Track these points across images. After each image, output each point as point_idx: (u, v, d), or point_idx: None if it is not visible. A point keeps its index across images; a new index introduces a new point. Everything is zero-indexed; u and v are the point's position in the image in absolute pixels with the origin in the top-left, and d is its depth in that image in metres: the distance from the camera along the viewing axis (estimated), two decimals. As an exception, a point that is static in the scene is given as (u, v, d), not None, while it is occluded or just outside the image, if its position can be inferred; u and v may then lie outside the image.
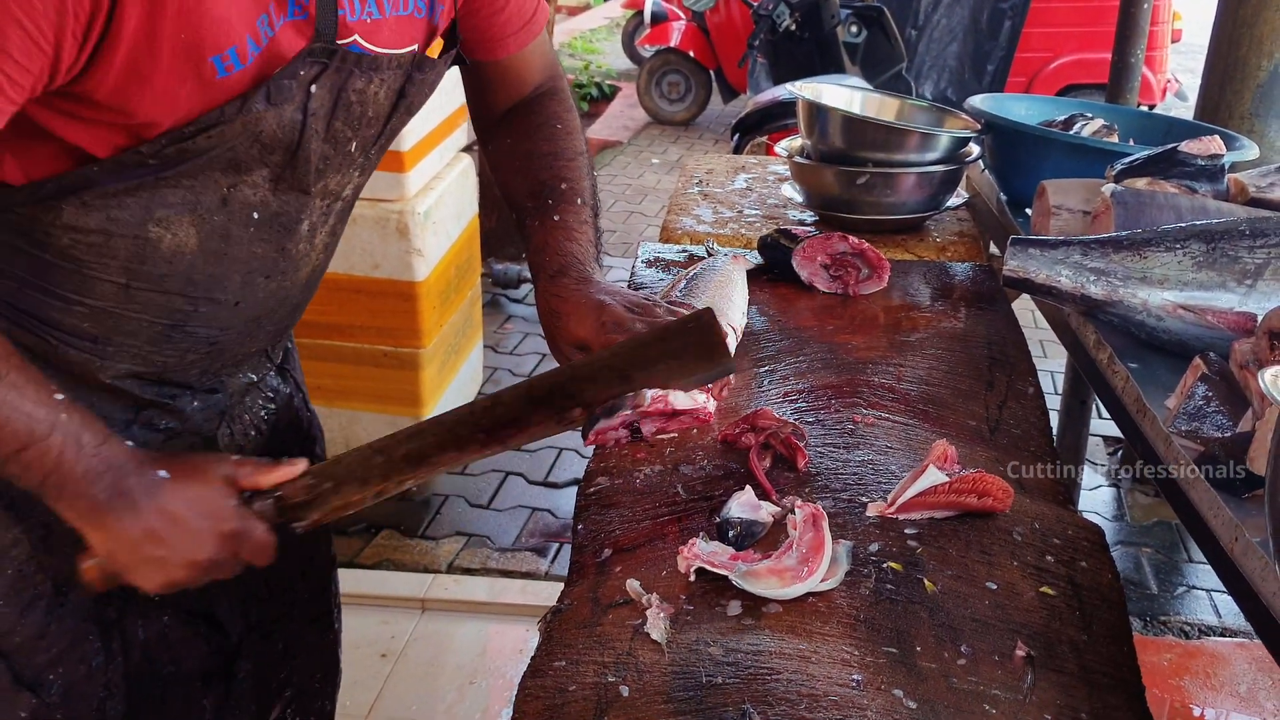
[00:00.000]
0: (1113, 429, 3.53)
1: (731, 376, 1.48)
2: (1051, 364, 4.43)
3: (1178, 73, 8.25)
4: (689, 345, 1.21)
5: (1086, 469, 3.70)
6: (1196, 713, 2.82)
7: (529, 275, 5.87)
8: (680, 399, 1.31)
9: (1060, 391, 3.43)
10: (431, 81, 1.27)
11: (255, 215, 1.17)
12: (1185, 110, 7.18)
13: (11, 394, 1.02)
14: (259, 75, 1.07)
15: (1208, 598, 3.28)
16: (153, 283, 1.15)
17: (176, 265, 1.15)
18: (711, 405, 1.36)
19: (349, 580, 2.97)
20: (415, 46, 1.22)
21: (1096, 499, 3.78)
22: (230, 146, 1.09)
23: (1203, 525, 1.21)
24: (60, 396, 1.05)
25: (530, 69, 1.44)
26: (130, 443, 1.12)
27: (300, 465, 1.18)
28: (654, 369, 1.23)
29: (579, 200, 1.38)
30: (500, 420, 1.21)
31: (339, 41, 1.12)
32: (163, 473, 1.10)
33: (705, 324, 1.20)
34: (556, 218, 1.36)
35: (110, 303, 1.15)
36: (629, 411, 1.28)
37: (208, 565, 1.12)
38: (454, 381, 3.62)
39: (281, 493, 1.17)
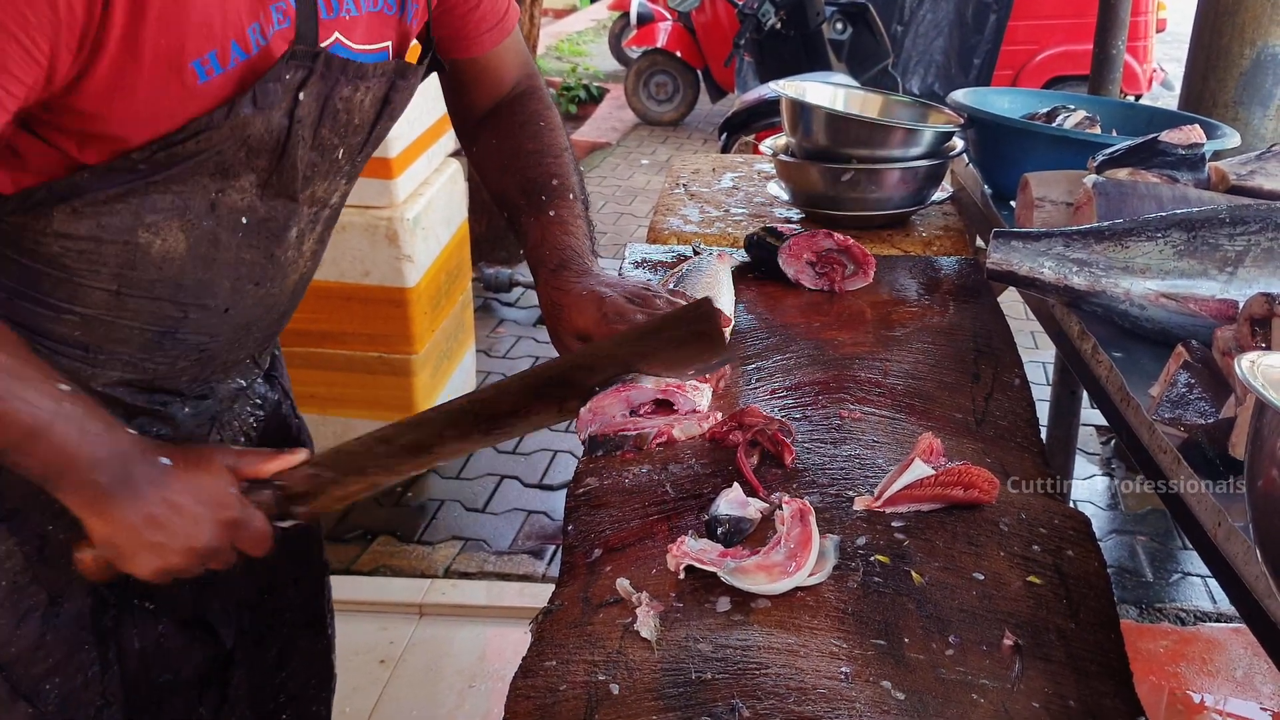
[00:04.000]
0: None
1: (727, 366, 1.49)
2: (1044, 355, 4.45)
3: (1164, 62, 8.28)
4: (688, 334, 1.24)
5: (1079, 458, 3.71)
6: (1195, 699, 2.84)
7: (520, 279, 5.88)
8: (679, 401, 1.33)
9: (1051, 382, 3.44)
10: (414, 87, 1.29)
11: (244, 220, 1.18)
12: (1172, 99, 7.21)
13: (15, 384, 1.03)
14: (242, 82, 1.08)
15: (1203, 584, 3.29)
16: (143, 289, 1.16)
17: (166, 271, 1.16)
18: (708, 396, 1.37)
19: (346, 587, 2.99)
20: (389, 44, 1.24)
21: (1090, 488, 3.79)
22: (218, 150, 1.10)
23: (1187, 511, 1.22)
24: (65, 386, 1.06)
25: (506, 66, 1.47)
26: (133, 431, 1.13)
27: (301, 455, 1.20)
28: (654, 358, 1.26)
29: (570, 195, 1.42)
30: (501, 411, 1.23)
31: (321, 44, 1.13)
32: (166, 460, 1.12)
33: (704, 313, 1.23)
34: (552, 213, 1.39)
35: (101, 310, 1.16)
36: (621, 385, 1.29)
37: (205, 553, 1.13)
38: (447, 387, 3.63)
39: (282, 482, 1.19)
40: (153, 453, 1.12)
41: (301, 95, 1.12)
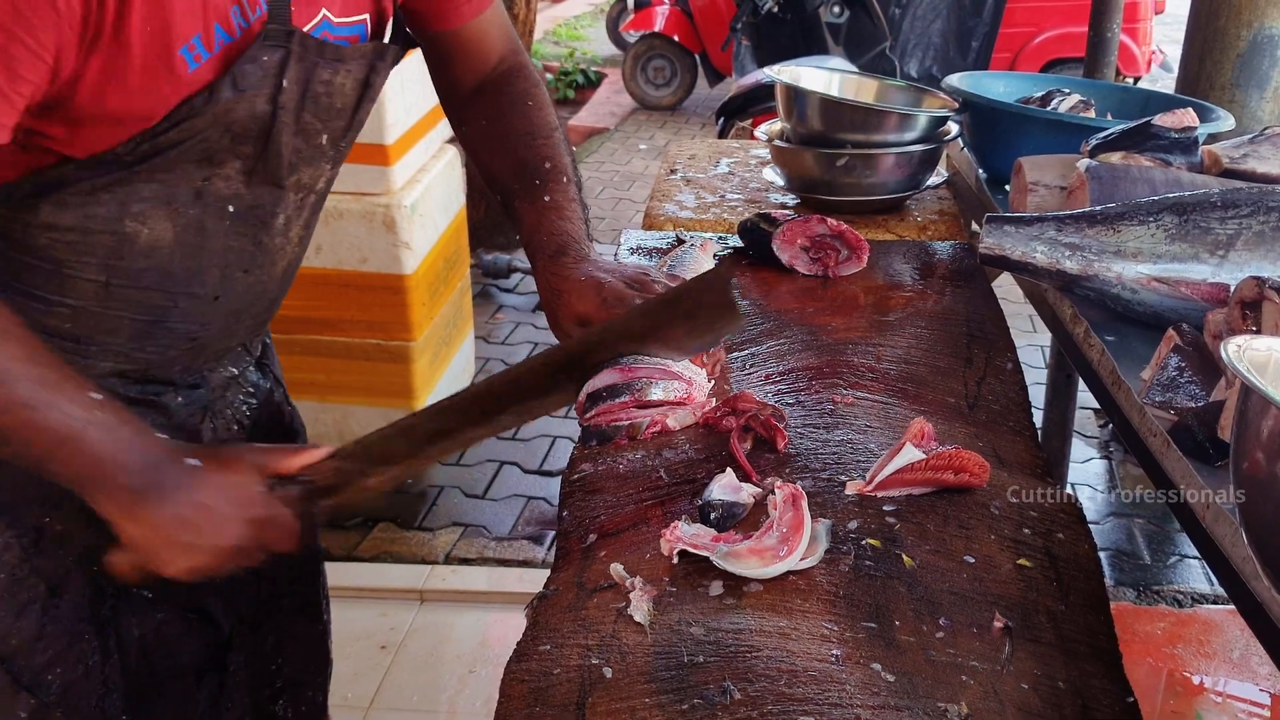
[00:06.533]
0: (1101, 401, 3.54)
1: (725, 356, 1.50)
2: (1042, 339, 4.45)
3: (1163, 44, 8.26)
4: (702, 305, 1.24)
5: (1077, 441, 3.72)
6: (1192, 680, 2.85)
7: (519, 265, 5.86)
8: (672, 391, 1.34)
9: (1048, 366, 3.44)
10: (391, 67, 1.29)
11: (230, 208, 1.19)
12: (1172, 81, 7.18)
13: (48, 393, 1.04)
14: (225, 66, 1.08)
15: (1200, 566, 3.30)
16: (131, 279, 1.16)
17: (154, 260, 1.16)
18: (703, 375, 1.38)
19: (347, 573, 3.01)
20: (366, 16, 1.24)
21: (1088, 471, 3.80)
22: (203, 138, 1.10)
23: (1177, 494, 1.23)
24: (96, 395, 1.08)
25: (488, 40, 1.46)
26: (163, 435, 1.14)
27: (325, 450, 1.21)
28: (669, 331, 1.26)
29: (564, 178, 1.41)
30: (523, 393, 1.25)
31: (306, 24, 1.14)
32: (195, 461, 1.13)
33: (719, 283, 1.23)
34: (547, 198, 1.39)
35: (90, 301, 1.17)
36: (629, 398, 1.31)
37: (234, 552, 1.15)
38: (446, 373, 3.64)
39: (309, 477, 1.20)
40: (181, 455, 1.13)
41: (285, 82, 1.13)
